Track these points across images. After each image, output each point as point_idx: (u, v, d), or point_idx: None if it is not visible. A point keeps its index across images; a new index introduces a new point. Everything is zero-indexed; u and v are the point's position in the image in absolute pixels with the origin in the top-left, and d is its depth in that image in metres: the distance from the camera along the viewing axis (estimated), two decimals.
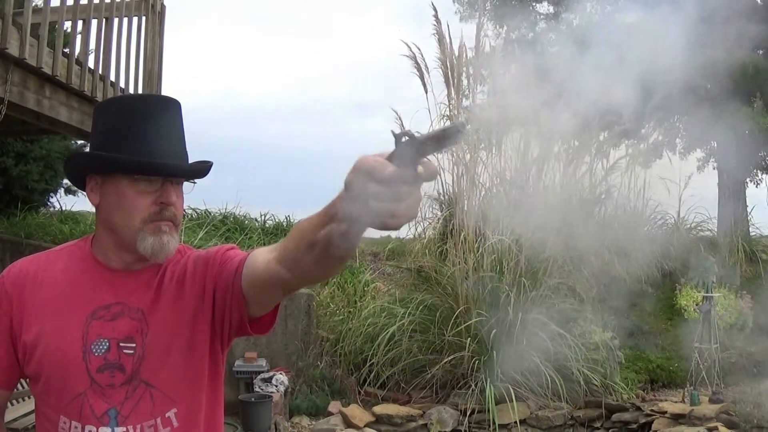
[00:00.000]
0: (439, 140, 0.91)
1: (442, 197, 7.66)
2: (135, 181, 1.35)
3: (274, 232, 8.41)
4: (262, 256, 1.27)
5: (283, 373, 6.07)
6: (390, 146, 0.95)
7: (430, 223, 7.84)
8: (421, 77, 6.96)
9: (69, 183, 8.67)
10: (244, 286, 1.31)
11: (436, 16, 7.01)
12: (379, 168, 0.92)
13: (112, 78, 5.65)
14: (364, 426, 5.71)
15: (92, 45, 5.59)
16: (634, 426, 6.11)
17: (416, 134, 0.92)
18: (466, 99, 7.69)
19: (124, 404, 1.34)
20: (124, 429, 1.34)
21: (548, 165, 7.55)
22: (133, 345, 1.35)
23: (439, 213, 7.70)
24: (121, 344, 1.35)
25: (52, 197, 9.36)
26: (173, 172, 1.38)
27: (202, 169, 1.45)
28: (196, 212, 8.43)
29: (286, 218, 8.75)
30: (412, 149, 0.92)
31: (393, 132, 0.94)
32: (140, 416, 1.35)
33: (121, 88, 5.77)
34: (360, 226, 1.01)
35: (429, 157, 0.95)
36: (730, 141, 10.06)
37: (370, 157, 0.95)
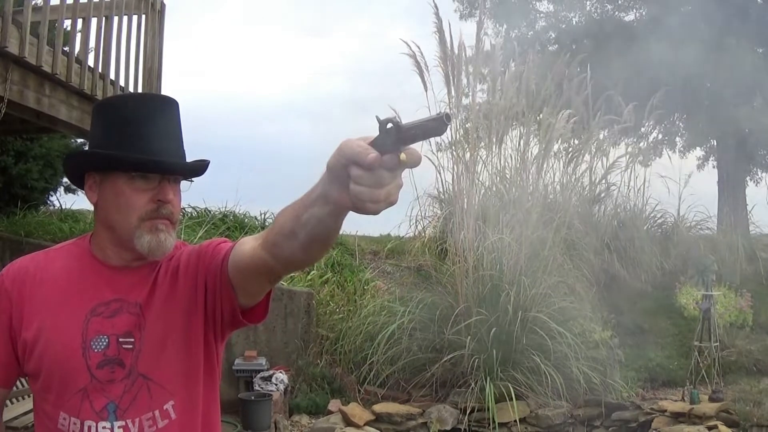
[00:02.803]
0: (423, 129, 0.92)
1: (442, 196, 7.67)
2: (132, 178, 1.36)
3: None
4: (249, 243, 1.28)
5: (283, 372, 6.07)
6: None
7: (430, 222, 7.85)
8: (421, 75, 6.95)
9: (69, 181, 8.66)
10: (231, 273, 1.32)
11: (436, 14, 7.01)
12: (362, 153, 0.93)
13: (112, 76, 5.65)
14: (364, 424, 5.71)
15: (92, 43, 5.59)
16: (634, 425, 6.12)
17: (401, 122, 0.93)
18: (465, 97, 7.70)
19: (122, 398, 1.35)
20: (123, 423, 1.34)
21: (548, 163, 7.56)
22: (132, 340, 1.36)
23: (439, 211, 7.71)
24: (121, 339, 1.36)
25: (51, 196, 9.35)
26: (170, 170, 1.39)
27: (199, 167, 1.45)
28: (196, 210, 8.43)
29: None
30: (396, 136, 0.93)
31: (378, 118, 0.94)
32: (138, 409, 1.35)
33: (120, 86, 5.77)
34: (340, 209, 1.03)
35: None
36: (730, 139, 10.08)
37: (354, 141, 0.96)
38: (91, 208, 1.45)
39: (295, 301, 6.48)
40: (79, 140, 8.37)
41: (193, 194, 1.56)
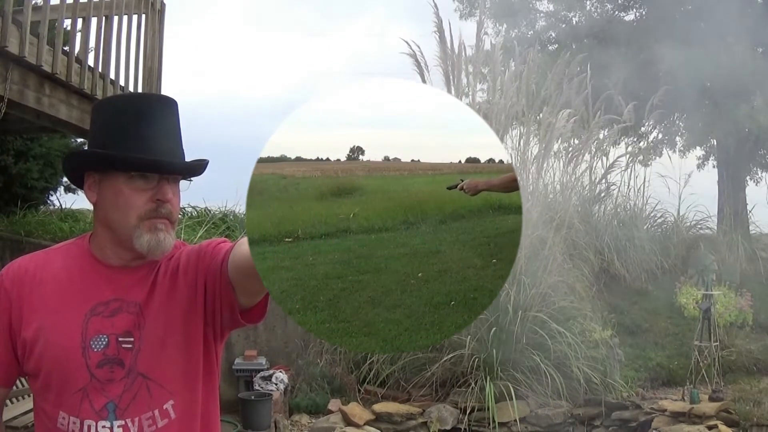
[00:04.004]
0: None
1: None
2: (131, 178, 1.36)
3: None
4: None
5: (283, 371, 6.07)
6: None
7: None
8: (421, 75, 6.95)
9: (68, 181, 8.64)
10: (231, 273, 1.32)
11: (436, 13, 7.01)
12: None
13: (112, 76, 5.65)
14: (364, 424, 5.71)
15: (92, 43, 5.59)
16: (634, 424, 6.12)
17: None
18: (465, 97, 7.70)
19: (122, 397, 1.35)
20: (123, 422, 1.35)
21: (548, 163, 7.56)
22: (132, 339, 1.37)
23: None
24: (120, 339, 1.36)
25: (51, 195, 9.34)
26: (169, 169, 1.39)
27: (197, 166, 1.45)
28: (196, 210, 8.43)
29: None
30: None
31: None
32: (138, 409, 1.36)
33: (120, 86, 5.76)
34: None
35: None
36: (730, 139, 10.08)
37: None
38: (91, 207, 1.45)
39: None
40: (79, 140, 8.37)
41: (193, 194, 1.57)
